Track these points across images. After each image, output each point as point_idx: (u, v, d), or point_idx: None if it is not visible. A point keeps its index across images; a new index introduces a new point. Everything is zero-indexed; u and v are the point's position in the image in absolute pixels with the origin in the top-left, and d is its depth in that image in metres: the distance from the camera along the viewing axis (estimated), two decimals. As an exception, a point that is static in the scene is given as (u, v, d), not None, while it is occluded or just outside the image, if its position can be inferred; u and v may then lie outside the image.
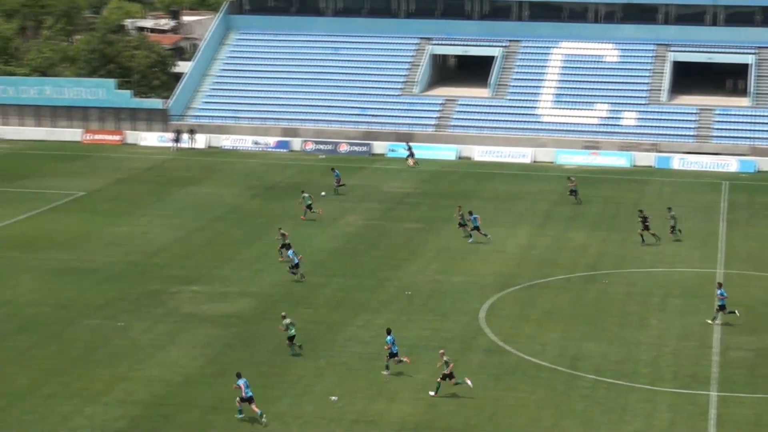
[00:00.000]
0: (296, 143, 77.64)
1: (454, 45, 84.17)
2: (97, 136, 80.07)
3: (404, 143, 74.50)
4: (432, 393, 34.66)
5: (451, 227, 55.05)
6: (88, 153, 75.36)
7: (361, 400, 34.40)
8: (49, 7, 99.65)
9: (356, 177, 68.40)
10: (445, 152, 75.52)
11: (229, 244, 52.20)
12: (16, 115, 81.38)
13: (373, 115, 78.67)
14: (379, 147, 76.32)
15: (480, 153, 75.29)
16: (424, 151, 75.02)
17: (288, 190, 63.98)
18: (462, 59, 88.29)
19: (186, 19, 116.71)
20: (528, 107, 78.27)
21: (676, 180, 68.55)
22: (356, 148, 76.47)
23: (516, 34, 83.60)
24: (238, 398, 33.10)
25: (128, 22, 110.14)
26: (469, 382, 34.55)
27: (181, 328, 40.62)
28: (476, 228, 52.66)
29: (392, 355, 36.30)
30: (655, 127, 75.42)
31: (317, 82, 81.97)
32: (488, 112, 78.23)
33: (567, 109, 77.63)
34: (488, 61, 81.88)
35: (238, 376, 33.50)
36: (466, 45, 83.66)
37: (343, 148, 76.73)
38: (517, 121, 77.15)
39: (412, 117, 78.50)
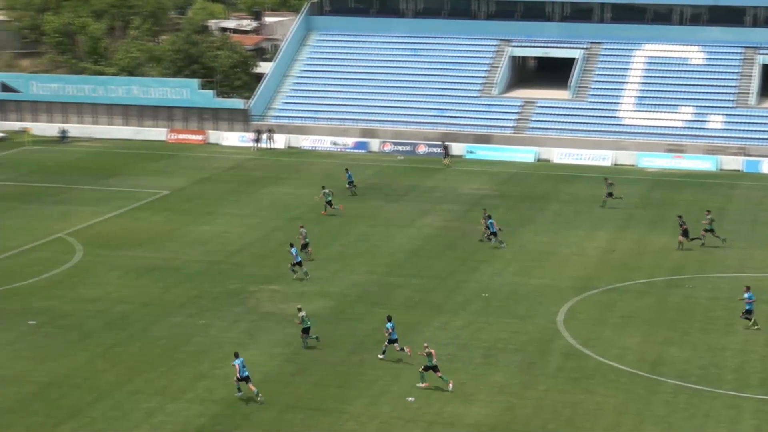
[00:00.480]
0: (374, 144, 77.94)
1: (534, 47, 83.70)
2: (181, 136, 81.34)
3: (441, 142, 74.75)
4: (420, 384, 35.27)
5: (530, 229, 54.78)
6: (173, 152, 76.61)
7: (437, 401, 34.46)
8: (137, 7, 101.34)
9: (434, 178, 68.47)
10: (524, 154, 75.16)
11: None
12: (106, 114, 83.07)
13: (451, 117, 78.64)
14: (457, 148, 76.24)
15: (559, 155, 74.76)
16: (502, 153, 74.78)
17: (366, 191, 64.28)
18: (542, 61, 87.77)
19: (268, 20, 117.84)
20: (609, 109, 77.49)
21: (765, 184, 67.26)
22: (435, 150, 76.50)
23: (597, 35, 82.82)
24: (234, 378, 34.43)
25: (212, 23, 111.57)
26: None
27: (260, 327, 41.11)
28: (494, 233, 52.04)
29: (391, 341, 37.29)
30: (743, 130, 74.10)
31: (396, 83, 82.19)
32: (568, 114, 77.66)
33: (650, 111, 76.67)
34: (569, 63, 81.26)
35: (236, 356, 34.78)
36: (547, 47, 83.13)
37: (422, 149, 76.82)
38: (598, 124, 76.43)
39: (491, 119, 78.27)
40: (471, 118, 78.50)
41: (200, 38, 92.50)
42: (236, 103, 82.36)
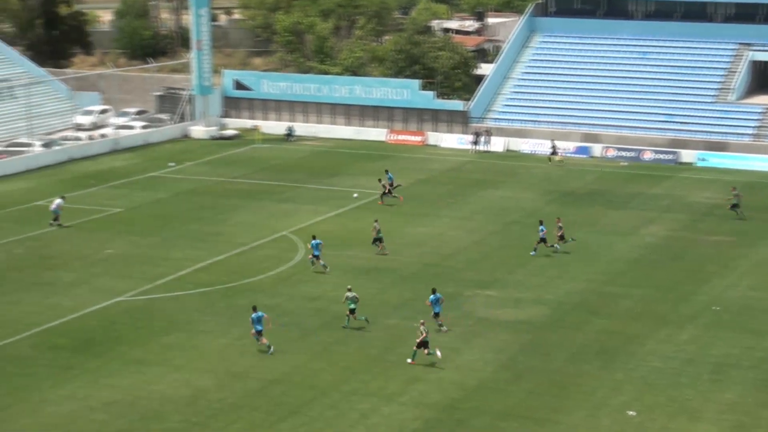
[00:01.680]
0: (597, 149, 76.47)
1: (777, 52, 79.95)
2: (401, 137, 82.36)
3: (551, 140, 74.28)
4: (409, 360, 37.44)
5: None
6: (392, 153, 77.67)
7: (660, 416, 33.42)
8: (362, 7, 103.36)
9: (661, 186, 66.54)
10: (764, 163, 71.80)
11: (523, 249, 52.16)
12: (329, 114, 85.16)
13: (682, 123, 76.15)
14: (688, 156, 73.78)
15: (804, 165, 71.12)
16: (739, 162, 71.81)
17: (586, 197, 63.17)
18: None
19: (490, 21, 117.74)
20: None
21: None
22: (662, 156, 74.31)
23: None
24: (252, 332, 38.31)
25: (434, 23, 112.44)
26: (438, 353, 37.29)
27: (475, 332, 41.04)
28: (543, 240, 50.72)
29: (436, 315, 40.34)
30: None
31: (622, 87, 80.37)
32: (811, 122, 73.74)
33: None
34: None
35: (254, 309, 38.92)
36: (791, 52, 79.22)
37: (647, 155, 74.78)
38: (842, 131, 72.26)
39: (727, 125, 75.24)
40: (704, 124, 75.72)
41: (422, 38, 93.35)
42: (456, 104, 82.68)
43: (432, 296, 40.28)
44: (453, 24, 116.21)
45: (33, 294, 45.12)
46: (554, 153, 73.55)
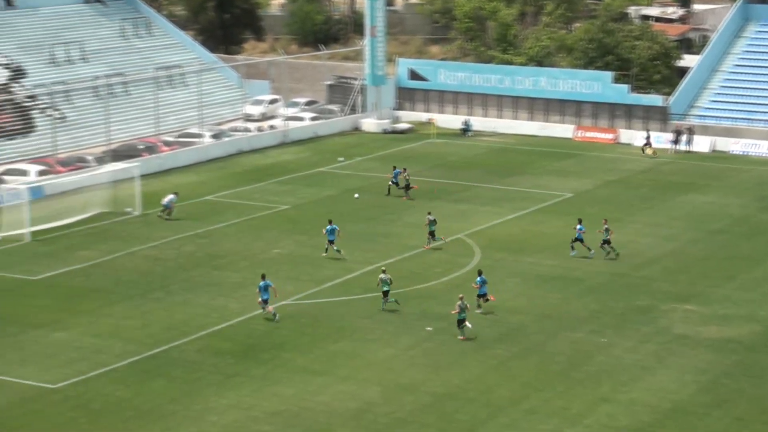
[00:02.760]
0: (819, 150, 73.74)
1: None
2: (589, 134, 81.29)
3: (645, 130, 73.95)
4: (460, 337, 41.14)
5: None
6: (579, 151, 76.78)
7: None
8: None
9: None
10: None
11: (731, 261, 50.81)
12: (510, 108, 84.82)
13: None
14: None
15: None
16: None
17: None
18: None
19: (697, 7, 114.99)
20: None
21: None
22: None
23: None
24: (258, 300, 42.67)
25: (632, 10, 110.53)
26: (469, 325, 41.41)
27: (671, 350, 40.27)
28: (579, 240, 50.46)
29: (480, 295, 43.58)
30: None
31: None
32: None
33: None
34: None
35: (263, 277, 43.20)
36: None
37: None
38: None
39: None
40: None
41: (617, 26, 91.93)
42: (654, 99, 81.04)
43: (479, 278, 43.94)
44: (653, 11, 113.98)
45: (201, 295, 46.70)
46: (647, 144, 73.28)
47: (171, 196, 58.96)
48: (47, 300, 46.08)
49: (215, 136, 76.50)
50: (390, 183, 63.59)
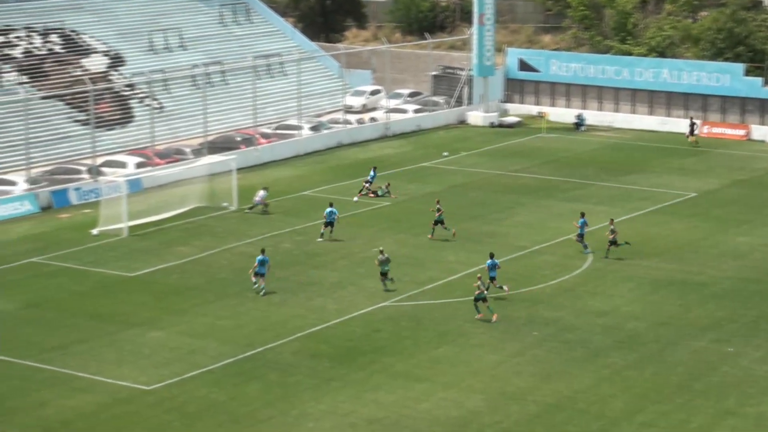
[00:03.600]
0: None
1: None
2: (716, 129, 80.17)
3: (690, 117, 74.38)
4: (477, 316, 43.34)
5: None
6: (705, 148, 75.75)
7: None
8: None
9: None
10: None
11: None
12: (629, 101, 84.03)
13: None
14: None
15: None
16: None
17: None
18: None
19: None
20: None
21: None
22: None
23: None
24: (251, 270, 45.62)
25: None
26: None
27: (804, 364, 39.61)
28: (580, 235, 51.86)
29: (492, 279, 45.61)
30: None
31: None
32: None
33: None
34: None
35: (262, 252, 46.26)
36: None
37: None
38: None
39: None
40: None
41: (749, 15, 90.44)
42: (789, 93, 79.67)
43: (489, 261, 45.91)
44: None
45: (298, 295, 47.22)
46: (693, 132, 73.71)
47: (262, 192, 59.71)
48: (143, 297, 47.08)
49: (314, 129, 77.22)
50: (364, 185, 63.08)
